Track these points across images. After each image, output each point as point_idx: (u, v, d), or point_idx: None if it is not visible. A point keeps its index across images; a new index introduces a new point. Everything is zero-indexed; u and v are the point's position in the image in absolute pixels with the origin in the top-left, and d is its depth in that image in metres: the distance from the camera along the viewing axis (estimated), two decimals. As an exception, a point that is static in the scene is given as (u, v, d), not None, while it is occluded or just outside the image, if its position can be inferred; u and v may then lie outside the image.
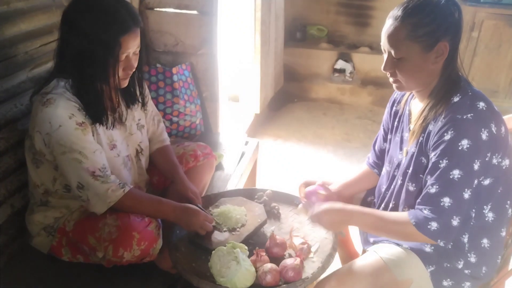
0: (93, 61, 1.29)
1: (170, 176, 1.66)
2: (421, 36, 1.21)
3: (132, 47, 1.34)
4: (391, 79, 1.32)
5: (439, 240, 1.21)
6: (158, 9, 2.34)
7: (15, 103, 1.50)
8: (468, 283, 1.32)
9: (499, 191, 1.28)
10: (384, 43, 1.28)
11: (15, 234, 1.54)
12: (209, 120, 2.54)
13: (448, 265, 1.31)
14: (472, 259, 1.30)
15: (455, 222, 1.20)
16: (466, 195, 1.20)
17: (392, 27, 1.24)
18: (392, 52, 1.25)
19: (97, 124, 1.37)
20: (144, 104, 1.62)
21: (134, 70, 1.41)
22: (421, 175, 1.30)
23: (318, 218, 1.35)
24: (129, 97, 1.54)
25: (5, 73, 1.47)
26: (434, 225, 1.20)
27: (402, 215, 1.28)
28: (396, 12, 1.24)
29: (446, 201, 1.19)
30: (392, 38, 1.24)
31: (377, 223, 1.31)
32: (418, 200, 1.26)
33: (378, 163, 1.61)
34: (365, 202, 1.64)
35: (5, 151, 1.46)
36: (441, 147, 1.21)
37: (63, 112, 1.28)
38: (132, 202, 1.39)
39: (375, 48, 4.13)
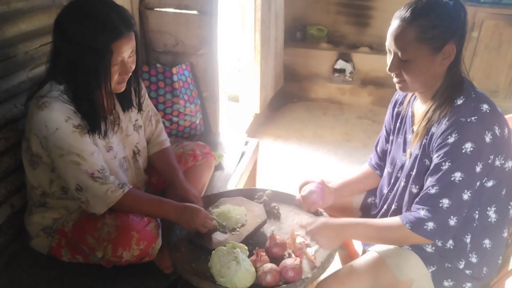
0: (85, 70, 1.28)
1: (169, 180, 1.65)
2: (430, 38, 1.19)
3: (125, 51, 1.32)
4: (395, 79, 1.31)
5: (437, 240, 1.22)
6: (158, 9, 2.34)
7: (15, 103, 1.49)
8: (469, 284, 1.32)
9: (503, 193, 1.28)
10: (390, 44, 1.26)
11: (15, 234, 1.54)
12: (209, 120, 2.54)
13: (449, 265, 1.31)
14: (474, 259, 1.30)
15: (452, 222, 1.20)
16: (466, 196, 1.20)
17: (399, 29, 1.22)
18: (399, 53, 1.23)
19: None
20: (140, 109, 1.60)
21: (130, 74, 1.40)
22: (424, 177, 1.30)
23: (314, 237, 1.34)
24: (124, 100, 1.52)
25: (5, 73, 1.47)
26: (430, 225, 1.21)
27: (394, 220, 1.29)
28: (404, 13, 1.22)
29: (445, 202, 1.20)
30: (399, 39, 1.22)
31: (371, 232, 1.32)
32: (417, 200, 1.26)
33: (380, 164, 1.60)
34: (366, 203, 1.64)
35: (5, 151, 1.46)
36: (445, 149, 1.20)
37: (59, 115, 1.28)
38: (132, 202, 1.38)
39: (375, 48, 4.13)
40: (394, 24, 1.24)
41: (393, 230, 1.27)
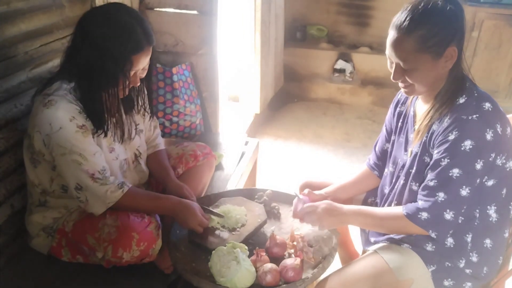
0: (101, 74, 1.30)
1: (161, 180, 1.65)
2: (430, 46, 1.19)
3: (142, 64, 1.36)
4: (401, 85, 1.30)
5: (430, 231, 1.24)
6: (158, 9, 2.34)
7: (15, 103, 1.49)
8: (469, 283, 1.32)
9: (503, 192, 1.28)
10: (391, 55, 1.25)
11: (15, 234, 1.54)
12: (209, 120, 2.54)
13: (449, 264, 1.31)
14: (474, 258, 1.31)
15: (448, 215, 1.22)
16: (464, 192, 1.21)
17: (399, 40, 1.20)
18: (401, 63, 1.23)
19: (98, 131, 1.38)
20: (152, 115, 1.64)
21: (138, 84, 1.43)
22: (424, 175, 1.30)
23: (316, 217, 1.35)
24: (128, 104, 1.54)
25: (5, 73, 1.47)
26: (424, 215, 1.23)
27: (396, 209, 1.32)
28: (401, 22, 1.19)
29: (441, 195, 1.22)
30: (400, 51, 1.21)
31: (372, 220, 1.35)
32: (419, 191, 1.29)
33: (379, 164, 1.60)
34: (366, 204, 1.64)
35: (5, 151, 1.46)
36: (445, 146, 1.21)
37: (64, 114, 1.28)
38: (131, 201, 1.39)
39: (375, 48, 4.13)
40: (393, 34, 1.22)
41: (394, 218, 1.31)
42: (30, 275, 1.44)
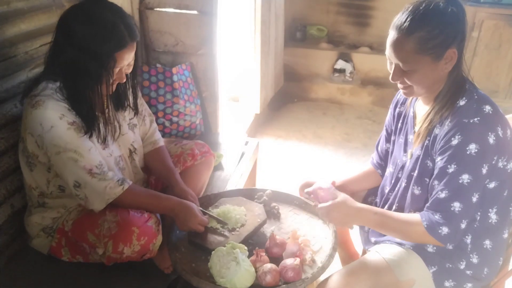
0: (85, 73, 1.29)
1: (165, 181, 1.65)
2: (430, 48, 1.18)
3: (126, 60, 1.34)
4: (400, 86, 1.30)
5: (448, 244, 1.23)
6: (158, 9, 2.34)
7: (15, 103, 1.49)
8: (469, 284, 1.32)
9: (504, 194, 1.28)
10: (390, 55, 1.24)
11: (15, 234, 1.54)
12: (209, 120, 2.54)
13: (450, 265, 1.31)
14: (474, 260, 1.31)
15: (463, 225, 1.21)
16: (474, 199, 1.20)
17: (398, 41, 1.20)
18: (400, 64, 1.23)
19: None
20: (137, 112, 1.61)
21: (124, 80, 1.41)
22: (426, 179, 1.30)
23: (327, 211, 1.32)
24: (118, 100, 1.53)
25: (5, 73, 1.47)
26: (445, 230, 1.20)
27: (413, 216, 1.28)
28: (402, 23, 1.19)
29: (457, 206, 1.19)
30: (399, 52, 1.21)
31: (387, 222, 1.30)
32: (427, 205, 1.26)
33: (381, 163, 1.60)
34: (366, 202, 1.63)
35: (5, 151, 1.46)
36: (449, 152, 1.20)
37: (53, 113, 1.28)
38: (131, 199, 1.38)
39: (375, 48, 4.13)
40: (393, 35, 1.21)
41: (411, 225, 1.26)
42: (30, 275, 1.44)
